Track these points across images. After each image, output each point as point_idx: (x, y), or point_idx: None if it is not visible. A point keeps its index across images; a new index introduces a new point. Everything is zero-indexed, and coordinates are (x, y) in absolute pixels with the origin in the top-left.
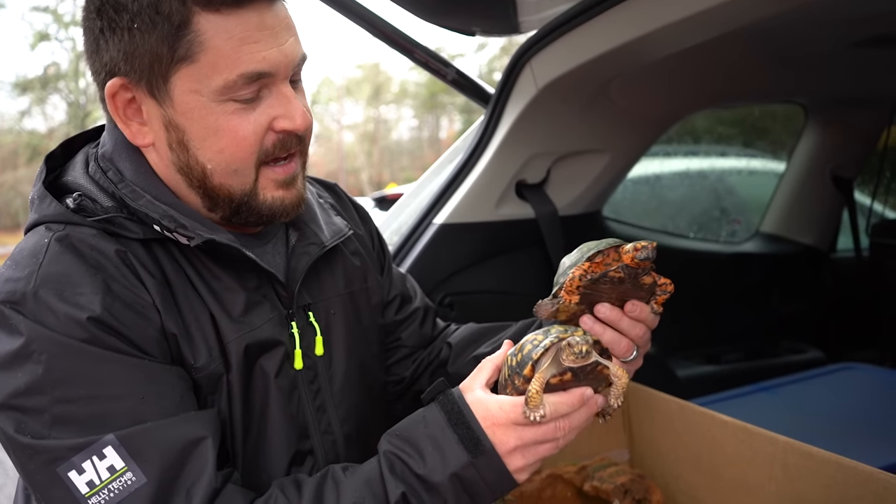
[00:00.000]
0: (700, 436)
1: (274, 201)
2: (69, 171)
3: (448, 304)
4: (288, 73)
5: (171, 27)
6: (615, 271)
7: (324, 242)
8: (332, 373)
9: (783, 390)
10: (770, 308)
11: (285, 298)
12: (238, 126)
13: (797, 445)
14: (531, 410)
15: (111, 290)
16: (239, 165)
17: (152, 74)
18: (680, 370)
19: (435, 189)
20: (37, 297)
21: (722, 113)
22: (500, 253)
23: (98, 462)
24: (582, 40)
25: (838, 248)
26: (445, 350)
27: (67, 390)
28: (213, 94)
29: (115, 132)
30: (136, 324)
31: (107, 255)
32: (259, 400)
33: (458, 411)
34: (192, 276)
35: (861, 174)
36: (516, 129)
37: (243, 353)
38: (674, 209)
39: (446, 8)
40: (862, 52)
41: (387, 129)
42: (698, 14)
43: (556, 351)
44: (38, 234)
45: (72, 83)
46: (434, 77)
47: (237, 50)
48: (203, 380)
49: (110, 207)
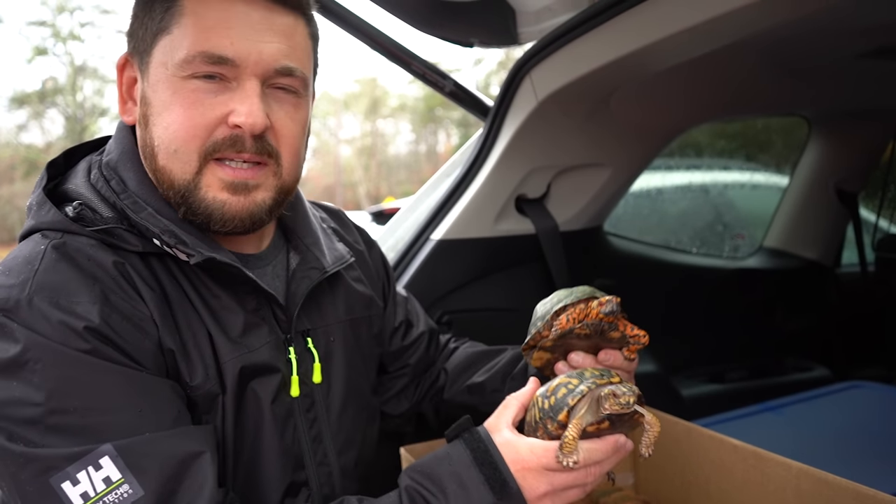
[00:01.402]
0: (708, 460)
1: (214, 202)
2: (70, 179)
3: (446, 323)
4: (258, 71)
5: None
6: (581, 327)
7: (325, 268)
8: (329, 401)
9: (790, 410)
10: (774, 325)
11: (284, 322)
12: (190, 105)
13: (811, 471)
14: (565, 456)
15: (109, 300)
16: (180, 146)
17: (143, 47)
18: (684, 389)
19: (432, 204)
20: (31, 304)
21: (724, 126)
22: (500, 269)
23: (94, 473)
24: (583, 51)
25: (843, 264)
26: (443, 376)
27: (63, 400)
28: (176, 68)
29: (123, 141)
30: (134, 336)
31: (104, 266)
32: (252, 426)
33: (485, 450)
34: (191, 293)
35: (866, 188)
36: (516, 143)
37: (238, 376)
38: (676, 224)
39: (444, 19)
40: (867, 63)
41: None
42: (701, 24)
43: (593, 398)
44: (33, 241)
45: (69, 97)
46: (432, 91)
47: (208, 29)
48: (199, 398)
49: (110, 218)
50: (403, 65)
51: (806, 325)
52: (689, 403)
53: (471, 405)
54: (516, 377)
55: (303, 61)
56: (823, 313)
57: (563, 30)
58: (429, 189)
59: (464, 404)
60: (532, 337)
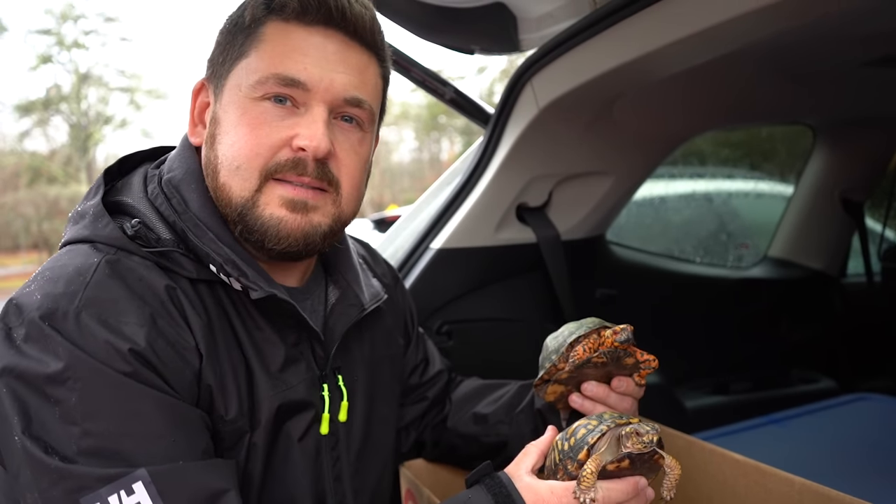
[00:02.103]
0: (710, 475)
1: (271, 219)
2: (126, 191)
3: (446, 333)
4: (327, 98)
5: (244, 28)
6: (598, 356)
7: (363, 305)
8: (350, 440)
9: (794, 423)
10: (779, 335)
11: (321, 359)
12: (258, 125)
13: (814, 487)
14: (583, 492)
15: (157, 324)
16: (242, 163)
17: (221, 71)
18: (687, 401)
19: (433, 212)
20: (79, 318)
21: (729, 134)
22: (500, 279)
23: (125, 498)
24: (585, 58)
25: (849, 273)
26: (447, 405)
27: (99, 423)
28: (249, 89)
29: (188, 160)
30: (175, 364)
31: (156, 289)
32: (282, 463)
33: (507, 494)
34: (236, 323)
35: (871, 197)
36: (517, 151)
37: (274, 413)
38: (679, 233)
39: (445, 26)
40: (872, 71)
41: (387, 150)
42: (704, 31)
43: (613, 437)
44: (84, 252)
45: (74, 105)
46: (435, 99)
47: (285, 54)
48: (228, 434)
49: (168, 241)
50: (403, 71)
51: (811, 335)
52: (692, 415)
53: (473, 435)
54: (524, 411)
55: (371, 96)
56: (829, 324)
57: (564, 37)
58: (429, 197)
59: (466, 434)
60: (547, 371)
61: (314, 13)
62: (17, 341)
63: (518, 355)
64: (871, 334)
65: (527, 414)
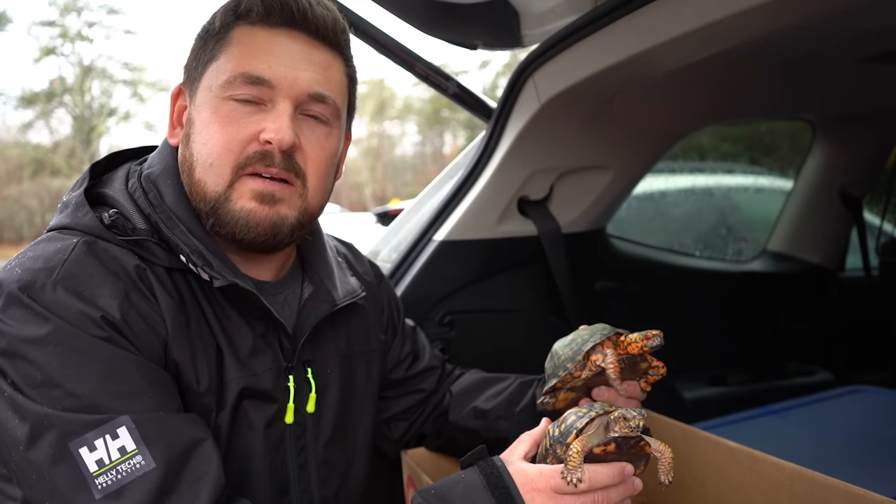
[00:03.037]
0: (705, 462)
1: (241, 211)
2: (108, 184)
3: (448, 323)
4: (292, 94)
5: (215, 34)
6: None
7: (335, 301)
8: (319, 431)
9: (791, 414)
10: (777, 328)
11: (288, 351)
12: (228, 122)
13: (804, 472)
14: (570, 472)
15: (129, 298)
16: (215, 160)
17: (195, 76)
18: (686, 392)
19: (435, 205)
20: (56, 290)
21: (728, 129)
22: (502, 271)
23: (110, 441)
24: (586, 54)
25: (847, 268)
26: (448, 398)
27: (80, 384)
28: (219, 89)
29: (166, 158)
30: (146, 336)
31: (127, 268)
32: (242, 447)
33: (498, 476)
34: (207, 310)
35: (870, 192)
36: (519, 145)
37: (237, 396)
38: (679, 227)
39: (449, 21)
40: (869, 68)
41: (391, 144)
42: (704, 27)
43: (601, 423)
44: (64, 236)
45: (77, 97)
46: (438, 93)
47: (250, 54)
48: (196, 409)
49: (142, 230)
50: (407, 66)
51: (809, 329)
52: (690, 406)
53: (473, 429)
54: (525, 409)
55: (336, 93)
56: (827, 317)
57: (566, 33)
58: (432, 190)
59: (467, 428)
60: (562, 379)
61: (277, 16)
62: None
63: (519, 345)
64: (869, 328)
65: (528, 412)
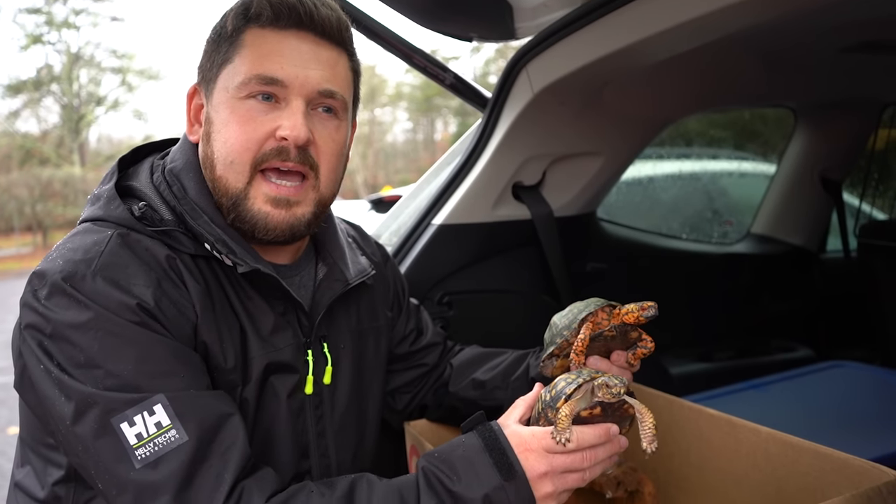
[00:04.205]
0: (688, 430)
1: (259, 214)
2: (134, 177)
3: (446, 303)
4: (303, 92)
5: (227, 37)
6: (609, 331)
7: (348, 280)
8: (335, 401)
9: (773, 387)
10: (761, 307)
11: (306, 328)
12: (245, 121)
13: (778, 435)
14: (559, 433)
15: (161, 286)
16: (235, 158)
17: (210, 76)
18: (673, 368)
19: (433, 191)
20: (95, 279)
21: (714, 116)
22: (497, 253)
23: (147, 417)
24: (577, 46)
25: (828, 249)
26: (448, 370)
27: (119, 364)
28: (235, 90)
29: (187, 153)
30: (177, 319)
31: (158, 258)
32: (268, 416)
33: (495, 438)
34: (230, 293)
35: (849, 176)
36: (513, 133)
37: (262, 371)
38: (667, 211)
39: (444, 14)
40: (849, 57)
41: (382, 131)
42: (689, 21)
43: (587, 389)
44: (98, 229)
45: (65, 85)
46: (429, 80)
47: (263, 56)
48: (223, 385)
49: (170, 221)
50: (405, 58)
51: (791, 308)
52: (677, 381)
53: (472, 399)
54: (519, 378)
55: (343, 87)
56: (808, 297)
57: (558, 26)
58: (430, 176)
59: (466, 398)
60: (559, 346)
61: (286, 19)
62: (42, 300)
63: (514, 323)
64: (847, 306)
65: (522, 381)
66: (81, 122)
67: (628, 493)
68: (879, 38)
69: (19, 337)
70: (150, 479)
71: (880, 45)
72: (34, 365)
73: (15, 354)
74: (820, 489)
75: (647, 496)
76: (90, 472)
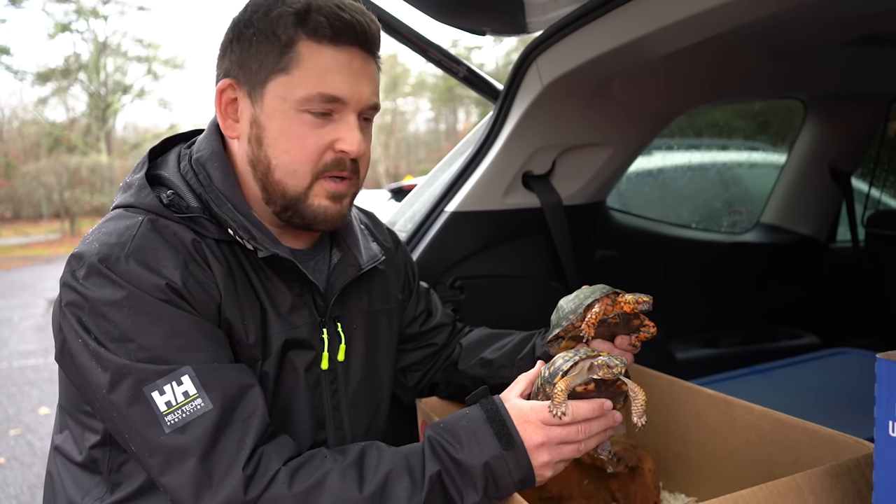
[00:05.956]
0: (686, 409)
1: (319, 208)
2: (163, 166)
3: (458, 287)
4: (358, 108)
5: (280, 45)
6: (613, 318)
7: (361, 265)
8: (348, 377)
9: (776, 373)
10: (769, 296)
11: (321, 308)
12: (306, 135)
13: (770, 413)
14: (556, 407)
15: (188, 268)
16: (298, 168)
17: (256, 79)
18: (679, 353)
19: (447, 179)
20: (128, 261)
21: (724, 108)
22: (507, 240)
23: (176, 387)
24: (585, 40)
25: (837, 239)
26: (457, 350)
27: (150, 339)
28: (295, 103)
29: (213, 142)
30: (203, 298)
31: (185, 242)
32: (287, 389)
33: (496, 411)
34: (251, 275)
35: (858, 167)
36: (523, 124)
37: (281, 346)
38: (677, 200)
39: (458, 10)
40: (854, 50)
41: (404, 121)
42: (696, 15)
43: (584, 366)
44: (130, 215)
45: (93, 74)
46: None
47: (322, 74)
48: (244, 359)
49: (195, 208)
50: (421, 52)
51: (799, 296)
52: (683, 366)
53: (479, 377)
54: (525, 357)
55: (379, 95)
56: (816, 286)
57: (567, 20)
58: (444, 165)
59: (474, 375)
60: (564, 329)
61: (345, 37)
62: (80, 280)
63: (522, 308)
64: (855, 295)
65: (527, 360)
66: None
67: (629, 469)
68: (879, 32)
69: (59, 313)
70: (179, 443)
71: (883, 39)
72: (73, 339)
73: (55, 329)
74: (808, 462)
75: (647, 472)
76: (124, 436)
